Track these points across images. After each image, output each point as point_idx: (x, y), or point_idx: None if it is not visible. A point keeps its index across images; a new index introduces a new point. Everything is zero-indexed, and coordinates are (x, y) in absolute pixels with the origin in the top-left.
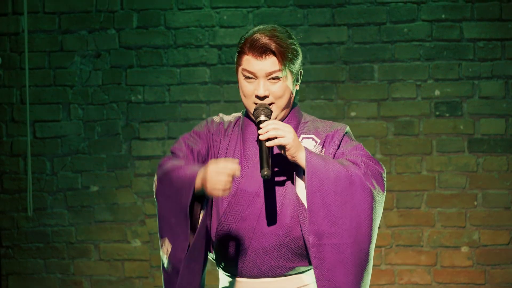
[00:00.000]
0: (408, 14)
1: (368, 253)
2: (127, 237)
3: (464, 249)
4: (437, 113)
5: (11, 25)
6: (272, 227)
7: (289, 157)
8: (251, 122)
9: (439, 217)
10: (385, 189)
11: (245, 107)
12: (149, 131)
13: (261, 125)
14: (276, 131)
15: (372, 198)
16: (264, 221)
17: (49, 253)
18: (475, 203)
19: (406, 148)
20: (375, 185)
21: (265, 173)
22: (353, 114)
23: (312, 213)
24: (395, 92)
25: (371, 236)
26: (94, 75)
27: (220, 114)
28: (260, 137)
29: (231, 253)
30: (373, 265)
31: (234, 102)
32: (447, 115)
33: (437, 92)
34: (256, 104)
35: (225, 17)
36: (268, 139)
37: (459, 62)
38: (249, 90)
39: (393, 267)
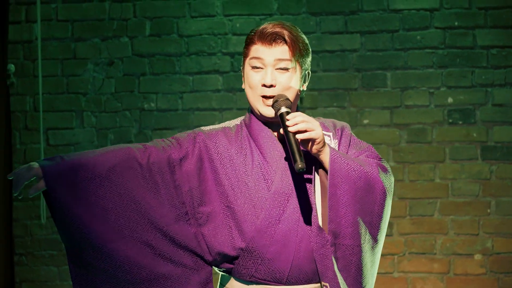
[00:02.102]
0: (421, 22)
1: (376, 254)
2: None
3: (477, 257)
4: (450, 120)
5: (24, 33)
6: (314, 229)
7: (314, 151)
8: (260, 122)
9: (452, 225)
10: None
11: (251, 103)
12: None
13: (287, 117)
14: (306, 124)
15: (385, 200)
16: (306, 222)
17: (62, 260)
18: (488, 210)
19: (419, 156)
20: (387, 186)
21: (300, 166)
22: (365, 121)
23: (331, 211)
24: (408, 100)
25: (377, 240)
26: (107, 83)
27: (210, 126)
28: (290, 129)
29: (273, 259)
30: (386, 273)
31: (246, 109)
32: (460, 122)
33: (450, 100)
34: (262, 96)
35: (237, 25)
36: (297, 132)
37: (472, 70)
38: (256, 80)
39: (406, 275)
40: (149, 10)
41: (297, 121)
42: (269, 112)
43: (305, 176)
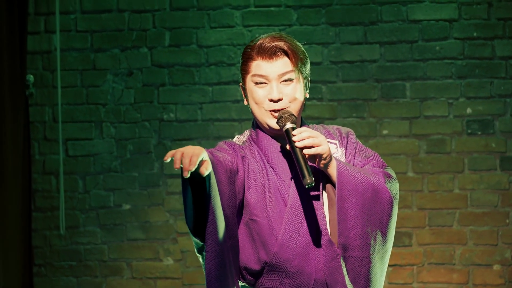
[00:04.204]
0: (440, 32)
1: (385, 264)
2: (160, 255)
3: (496, 267)
4: (469, 131)
5: (43, 44)
6: (325, 242)
7: (321, 165)
8: (267, 136)
9: (471, 235)
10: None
11: (257, 119)
12: None
13: (293, 132)
14: (313, 139)
15: (392, 209)
16: (326, 234)
17: (81, 271)
18: (507, 221)
19: (438, 166)
20: (394, 194)
21: (308, 181)
22: (385, 132)
23: (340, 225)
24: (427, 110)
25: (386, 249)
26: (126, 94)
27: (235, 137)
28: (297, 144)
29: (297, 273)
30: (405, 283)
31: (251, 125)
32: (479, 133)
33: (469, 110)
34: (270, 111)
35: (257, 35)
36: (304, 147)
37: (491, 80)
38: (261, 95)
39: (425, 286)
40: (169, 20)
41: (303, 136)
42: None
43: (314, 189)
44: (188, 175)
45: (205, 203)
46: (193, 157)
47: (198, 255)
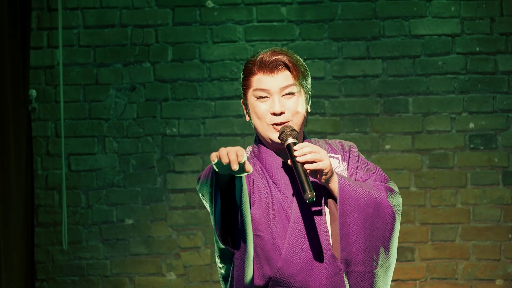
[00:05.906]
0: (443, 47)
1: (389, 278)
2: (162, 270)
3: (499, 282)
4: (472, 145)
5: (46, 59)
6: (328, 257)
7: (323, 180)
8: (270, 151)
9: (473, 250)
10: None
11: (259, 133)
12: (184, 164)
13: (295, 147)
14: (314, 154)
15: (395, 223)
16: (328, 249)
17: (84, 286)
18: (510, 236)
19: (440, 181)
20: (396, 209)
21: (309, 196)
22: (387, 147)
23: (342, 240)
24: (429, 125)
25: (390, 263)
26: (129, 108)
27: None
28: (298, 159)
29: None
30: None
31: (254, 141)
32: (482, 147)
33: (471, 125)
34: (272, 125)
35: (259, 50)
36: (306, 162)
37: (494, 95)
38: (263, 110)
39: None
40: (171, 35)
41: (304, 151)
42: None
43: (316, 204)
44: (237, 168)
45: (232, 211)
46: (238, 151)
47: (221, 265)
